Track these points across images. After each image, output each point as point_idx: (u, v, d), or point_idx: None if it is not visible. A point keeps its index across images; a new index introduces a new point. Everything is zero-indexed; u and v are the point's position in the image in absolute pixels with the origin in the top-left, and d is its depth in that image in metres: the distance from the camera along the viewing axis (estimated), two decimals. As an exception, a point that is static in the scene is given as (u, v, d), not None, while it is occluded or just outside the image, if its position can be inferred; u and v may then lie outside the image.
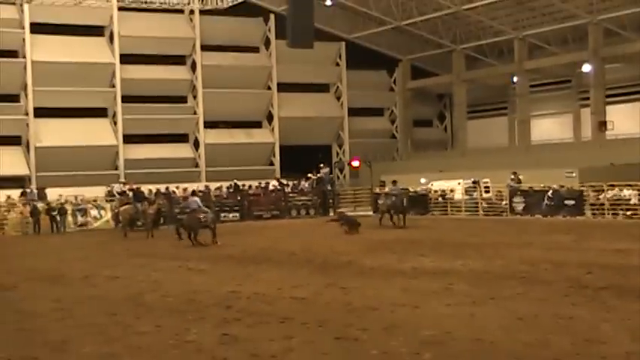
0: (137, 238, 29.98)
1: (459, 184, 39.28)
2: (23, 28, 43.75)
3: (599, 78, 45.39)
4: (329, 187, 44.08)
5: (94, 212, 38.01)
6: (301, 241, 26.59)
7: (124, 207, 32.82)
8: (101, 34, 46.66)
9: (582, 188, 34.98)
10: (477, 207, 38.53)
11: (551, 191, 35.21)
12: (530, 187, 36.49)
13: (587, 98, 47.03)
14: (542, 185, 35.93)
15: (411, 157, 53.35)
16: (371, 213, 41.21)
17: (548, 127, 50.64)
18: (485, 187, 38.68)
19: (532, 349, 9.58)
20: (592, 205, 34.51)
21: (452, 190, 39.62)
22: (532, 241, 23.78)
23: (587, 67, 45.75)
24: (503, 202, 37.38)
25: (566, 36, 47.33)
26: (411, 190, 40.54)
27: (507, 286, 14.42)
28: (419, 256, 20.23)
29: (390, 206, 33.20)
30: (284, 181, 44.81)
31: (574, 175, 37.19)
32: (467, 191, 39.05)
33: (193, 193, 28.90)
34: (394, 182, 34.57)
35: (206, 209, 27.12)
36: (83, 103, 45.25)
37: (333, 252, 22.12)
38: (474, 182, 38.86)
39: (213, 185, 42.88)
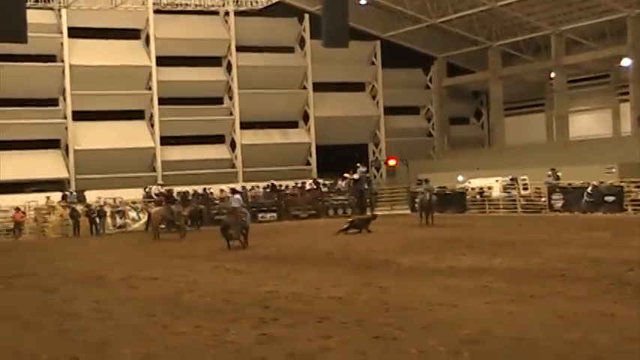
0: (173, 240, 30.16)
1: (497, 181, 39.05)
2: (61, 32, 44.22)
3: (639, 72, 44.80)
4: (366, 187, 44.03)
5: (132, 214, 38.33)
6: (338, 240, 26.60)
7: (155, 209, 32.98)
8: (137, 37, 47.05)
9: (622, 184, 34.59)
10: (515, 204, 38.26)
11: (590, 187, 34.86)
12: (569, 184, 36.14)
13: (627, 93, 46.43)
14: (581, 182, 35.57)
15: (448, 155, 53.10)
16: (408, 212, 41.26)
17: (587, 123, 50.09)
18: (524, 185, 38.38)
19: (573, 347, 9.47)
20: (633, 201, 34.10)
21: (489, 188, 39.40)
22: (571, 238, 23.56)
23: (626, 62, 45.16)
24: (542, 199, 37.08)
25: (604, 30, 46.78)
26: (449, 188, 40.52)
27: (546, 284, 14.28)
28: (456, 254, 20.14)
29: (418, 204, 33.48)
30: (321, 181, 44.87)
31: (614, 170, 36.78)
32: (505, 189, 38.79)
33: (234, 191, 28.78)
34: (426, 181, 34.51)
35: (245, 210, 26.76)
36: (120, 106, 45.66)
37: (370, 251, 22.11)
38: (511, 179, 38.61)
39: (249, 186, 43.11)
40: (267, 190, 42.54)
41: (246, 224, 25.45)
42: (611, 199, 34.23)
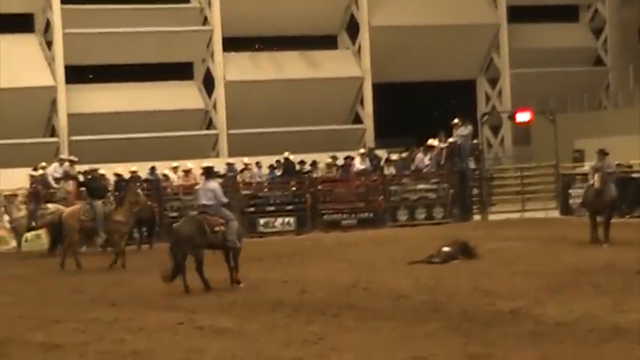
0: (96, 269, 30.26)
1: None
2: None
3: None
4: (472, 165, 43.99)
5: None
6: (419, 270, 26.63)
7: (68, 210, 33.08)
8: None
9: None
10: None
11: None
12: None
13: None
14: None
15: (637, 103, 52.82)
16: (557, 214, 41.19)
17: None
18: None
19: None
20: None
21: None
22: None
23: None
24: None
25: None
26: (638, 167, 40.34)
27: None
28: (654, 298, 20.11)
29: (584, 201, 32.97)
30: (382, 154, 44.89)
31: None
32: None
33: (208, 173, 27.82)
34: (601, 153, 34.07)
35: (227, 211, 26.17)
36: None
37: (483, 292, 22.12)
38: None
39: (241, 163, 43.06)
40: (278, 173, 42.62)
41: (227, 239, 25.15)
42: None
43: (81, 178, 38.01)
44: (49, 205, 36.73)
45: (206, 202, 25.11)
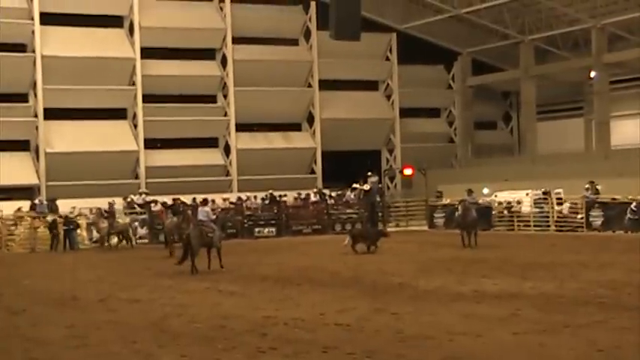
0: (159, 257, 30.08)
1: (527, 194, 39.02)
2: (32, 18, 44.17)
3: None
4: (378, 199, 44.02)
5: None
6: (346, 259, 26.61)
7: (169, 221, 32.77)
8: (120, 26, 47.04)
9: (672, 200, 34.51)
10: (548, 221, 38.21)
11: (634, 203, 34.78)
12: (614, 199, 36.04)
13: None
14: (623, 196, 35.51)
15: (472, 164, 53.07)
16: (426, 228, 41.32)
17: (631, 130, 49.99)
18: (558, 199, 38.34)
19: (613, 385, 9.49)
20: (684, 219, 34.02)
21: (519, 202, 39.36)
22: (612, 260, 23.54)
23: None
24: (579, 216, 37.03)
25: (652, 24, 46.84)
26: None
27: (584, 313, 14.29)
28: (481, 277, 20.16)
29: (456, 221, 32.42)
30: (326, 192, 44.89)
31: (662, 184, 36.69)
32: (536, 203, 38.73)
33: (205, 201, 28.00)
34: (469, 191, 33.65)
35: (213, 225, 25.37)
36: (99, 104, 45.58)
37: (383, 272, 22.12)
38: (544, 193, 38.55)
39: (245, 196, 42.97)
40: (266, 202, 42.56)
41: (213, 242, 24.49)
42: (658, 216, 34.18)
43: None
44: (119, 220, 36.74)
45: (202, 218, 25.00)
